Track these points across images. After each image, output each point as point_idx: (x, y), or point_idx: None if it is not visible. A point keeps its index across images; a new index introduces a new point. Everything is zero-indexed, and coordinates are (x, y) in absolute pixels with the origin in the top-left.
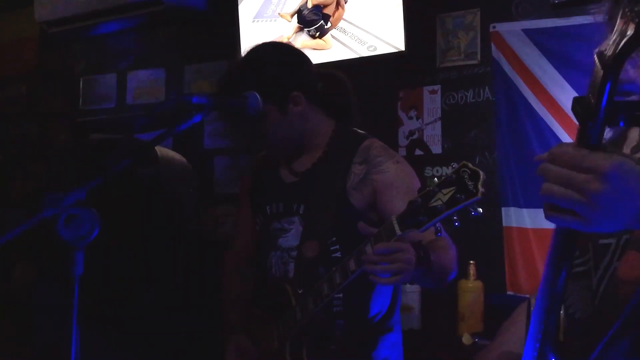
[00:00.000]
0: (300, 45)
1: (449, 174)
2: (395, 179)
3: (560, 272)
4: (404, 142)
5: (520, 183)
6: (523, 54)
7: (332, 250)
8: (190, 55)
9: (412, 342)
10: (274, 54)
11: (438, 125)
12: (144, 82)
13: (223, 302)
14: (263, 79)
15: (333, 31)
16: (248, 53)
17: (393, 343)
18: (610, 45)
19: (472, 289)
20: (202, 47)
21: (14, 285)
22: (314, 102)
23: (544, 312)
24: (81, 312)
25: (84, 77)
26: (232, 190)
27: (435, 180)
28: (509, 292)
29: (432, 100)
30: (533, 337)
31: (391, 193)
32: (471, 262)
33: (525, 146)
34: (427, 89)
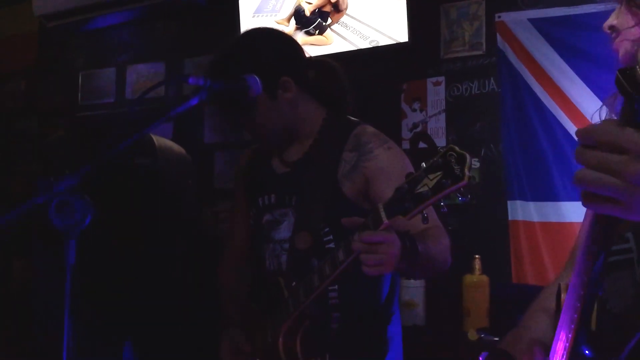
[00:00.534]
0: (300, 41)
1: (435, 158)
2: (386, 166)
3: (596, 261)
4: (407, 134)
5: (526, 176)
6: (529, 44)
7: (325, 241)
8: (190, 49)
9: (416, 338)
10: (264, 39)
11: (442, 117)
12: (143, 76)
13: (221, 299)
14: (252, 63)
15: (334, 26)
16: (238, 38)
17: (392, 336)
18: None
19: (478, 283)
20: (202, 41)
21: (14, 284)
22: (305, 90)
23: (578, 302)
24: (77, 305)
25: (83, 72)
26: (233, 185)
27: (423, 165)
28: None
29: (436, 92)
30: (565, 327)
31: (382, 180)
32: (476, 256)
33: (531, 138)
34: (430, 81)
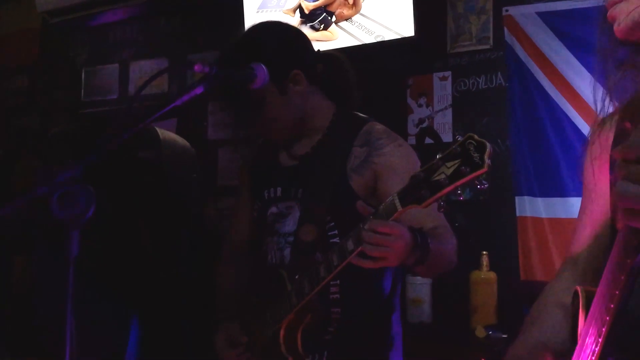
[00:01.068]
0: None
1: (453, 146)
2: (396, 163)
3: (625, 270)
4: (413, 130)
5: (534, 172)
6: (537, 38)
7: (330, 235)
8: (193, 45)
9: (422, 335)
10: (274, 32)
11: (449, 112)
12: (146, 72)
13: (217, 291)
14: (262, 56)
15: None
16: (248, 30)
17: (394, 334)
18: None
19: (486, 280)
20: (205, 37)
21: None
22: (314, 83)
23: (607, 315)
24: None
25: (85, 68)
26: (236, 182)
27: (438, 155)
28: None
29: (443, 86)
30: (591, 337)
31: (392, 176)
32: (484, 252)
33: (539, 134)
34: (437, 76)
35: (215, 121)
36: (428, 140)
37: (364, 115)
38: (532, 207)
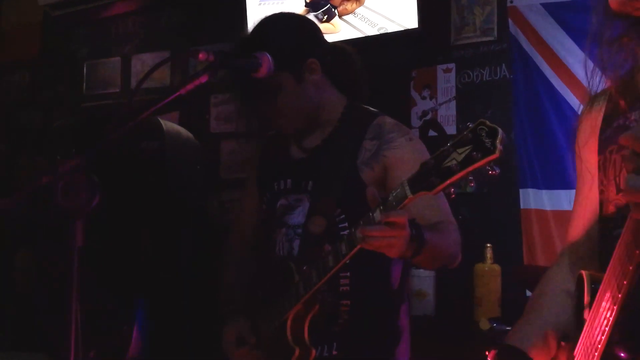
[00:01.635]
0: None
1: (465, 132)
2: (407, 156)
3: (635, 261)
4: (417, 122)
5: (539, 164)
6: (542, 30)
7: (340, 228)
8: (195, 38)
9: (426, 328)
10: (289, 22)
11: (452, 104)
12: (148, 65)
13: (221, 282)
14: (278, 45)
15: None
16: (262, 20)
17: (401, 327)
18: None
19: (489, 272)
20: (207, 30)
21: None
22: (327, 75)
23: (615, 304)
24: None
25: (87, 62)
26: (239, 175)
27: (449, 143)
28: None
29: (447, 79)
30: (599, 326)
31: (402, 170)
32: (488, 245)
33: (544, 126)
34: (441, 68)
35: (218, 114)
36: (432, 133)
37: (374, 109)
38: (536, 199)
